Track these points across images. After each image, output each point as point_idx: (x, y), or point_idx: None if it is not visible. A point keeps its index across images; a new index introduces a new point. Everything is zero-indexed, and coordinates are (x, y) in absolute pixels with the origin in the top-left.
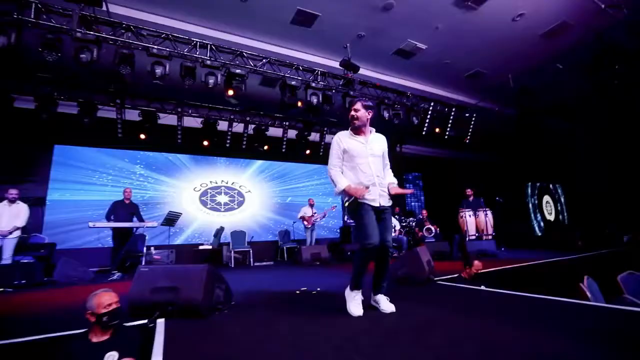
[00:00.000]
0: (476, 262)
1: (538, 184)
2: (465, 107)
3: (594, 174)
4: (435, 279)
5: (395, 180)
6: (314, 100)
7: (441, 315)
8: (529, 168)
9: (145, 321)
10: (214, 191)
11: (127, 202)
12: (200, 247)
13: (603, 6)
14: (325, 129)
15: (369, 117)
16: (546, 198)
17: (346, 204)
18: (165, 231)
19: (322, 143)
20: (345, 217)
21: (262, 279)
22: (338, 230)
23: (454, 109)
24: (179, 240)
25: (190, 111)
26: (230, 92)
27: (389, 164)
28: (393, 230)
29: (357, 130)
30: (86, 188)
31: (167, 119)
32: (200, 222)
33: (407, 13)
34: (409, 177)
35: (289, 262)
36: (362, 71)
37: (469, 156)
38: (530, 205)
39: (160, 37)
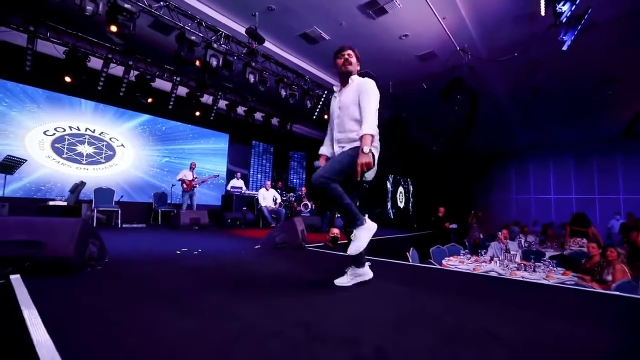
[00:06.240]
0: (333, 229)
1: (397, 177)
2: None
3: (435, 175)
4: (306, 245)
5: (364, 132)
6: (214, 62)
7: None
8: (393, 163)
9: None
10: (75, 139)
11: None
12: (51, 203)
13: (458, 48)
14: (220, 93)
15: (358, 69)
16: (400, 189)
17: None
18: None
19: (215, 107)
20: (229, 186)
21: (135, 240)
22: (220, 197)
23: None
24: (13, 192)
25: (49, 34)
26: (114, 29)
27: (366, 110)
28: (274, 202)
29: (343, 80)
30: None
31: (13, 35)
32: (49, 173)
33: (319, 1)
34: (294, 155)
35: (165, 226)
36: (267, 44)
37: None
38: (390, 194)
39: None
